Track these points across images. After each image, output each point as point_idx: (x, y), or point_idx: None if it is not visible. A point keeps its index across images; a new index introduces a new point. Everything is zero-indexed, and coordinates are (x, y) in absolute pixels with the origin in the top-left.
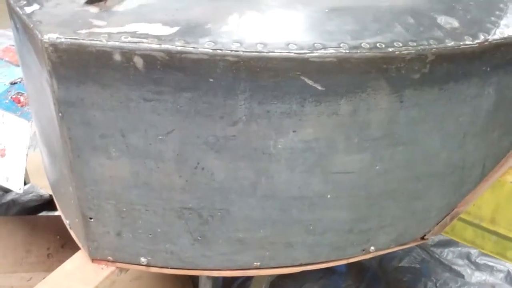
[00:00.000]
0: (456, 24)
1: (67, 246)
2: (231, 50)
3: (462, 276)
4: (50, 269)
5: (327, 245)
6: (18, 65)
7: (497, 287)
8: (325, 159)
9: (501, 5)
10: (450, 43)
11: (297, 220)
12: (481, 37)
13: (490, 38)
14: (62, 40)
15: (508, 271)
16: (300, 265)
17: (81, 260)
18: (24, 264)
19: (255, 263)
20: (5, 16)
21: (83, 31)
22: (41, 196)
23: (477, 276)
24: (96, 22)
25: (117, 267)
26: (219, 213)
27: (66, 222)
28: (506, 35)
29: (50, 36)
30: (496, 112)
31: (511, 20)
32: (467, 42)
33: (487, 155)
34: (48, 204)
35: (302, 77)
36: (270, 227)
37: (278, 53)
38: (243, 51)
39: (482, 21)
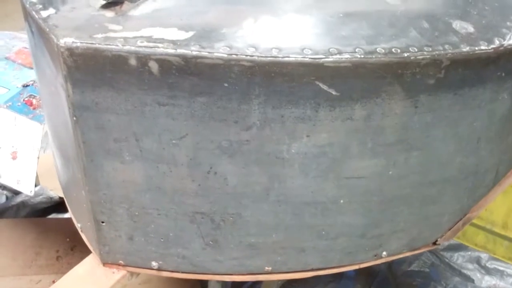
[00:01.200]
0: (471, 29)
1: (76, 249)
2: (246, 55)
3: (472, 281)
4: (59, 271)
5: (339, 250)
6: (30, 68)
7: None
8: (338, 164)
9: None
10: (465, 48)
11: (310, 225)
12: (496, 42)
13: (506, 43)
14: (78, 44)
15: None
16: (312, 270)
17: (92, 264)
18: (33, 266)
19: (266, 268)
20: (17, 18)
21: (99, 36)
22: (51, 198)
23: (487, 281)
24: (112, 26)
25: (128, 271)
26: (231, 218)
27: (78, 225)
28: None
29: (66, 41)
30: (510, 117)
31: None
32: (482, 47)
33: (501, 160)
34: (58, 206)
35: (317, 82)
36: (283, 232)
37: (293, 58)
38: (258, 56)
39: (497, 26)
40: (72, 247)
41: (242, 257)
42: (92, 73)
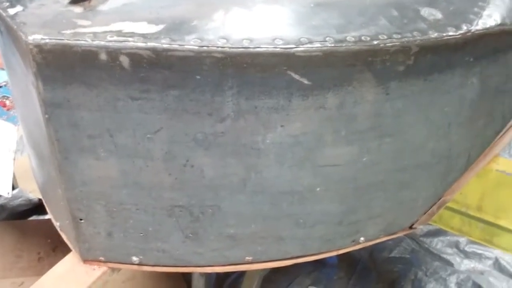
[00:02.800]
0: (439, 15)
1: (58, 250)
2: (218, 47)
3: (452, 265)
4: (41, 273)
5: (317, 238)
6: (2, 69)
7: (486, 274)
8: (313, 152)
9: None
10: (434, 35)
11: (287, 214)
12: (464, 28)
13: (473, 28)
14: (47, 41)
15: (496, 258)
16: (292, 258)
17: (73, 261)
18: (15, 269)
19: (247, 258)
20: None
21: (68, 31)
22: (30, 200)
23: (466, 264)
24: (81, 22)
25: (109, 267)
26: (209, 210)
27: (56, 224)
28: (488, 26)
29: (35, 37)
30: (480, 101)
31: (493, 11)
32: (450, 33)
33: (472, 144)
34: (38, 208)
35: (289, 72)
36: (261, 222)
37: (265, 49)
38: (230, 47)
39: (465, 12)
40: (54, 248)
41: (222, 248)
42: (62, 69)
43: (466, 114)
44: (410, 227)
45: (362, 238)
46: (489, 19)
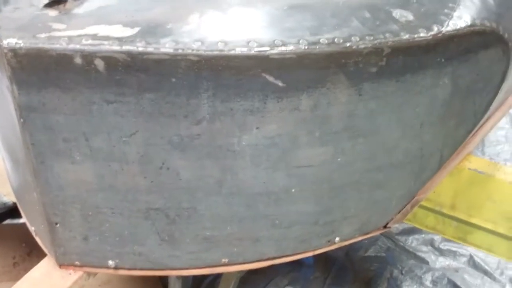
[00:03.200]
0: (410, 17)
1: (33, 254)
2: (193, 50)
3: (427, 262)
4: (17, 278)
5: (293, 238)
6: None
7: (460, 271)
8: (288, 154)
9: None
10: (405, 36)
11: (263, 215)
12: (435, 29)
13: (444, 30)
14: (22, 45)
15: (471, 255)
16: (268, 259)
17: (48, 266)
18: None
19: (223, 260)
20: None
21: (43, 35)
22: (4, 204)
23: (441, 262)
24: (56, 25)
25: (85, 272)
26: (186, 212)
27: (32, 229)
28: (459, 27)
29: (9, 41)
30: (452, 101)
31: (463, 12)
32: (421, 35)
33: (444, 144)
34: (12, 212)
35: (263, 74)
36: (237, 224)
37: (239, 51)
38: (204, 50)
39: (435, 13)
40: (29, 253)
41: (198, 250)
42: (37, 73)
43: (438, 114)
44: (385, 226)
45: (337, 238)
46: (459, 20)
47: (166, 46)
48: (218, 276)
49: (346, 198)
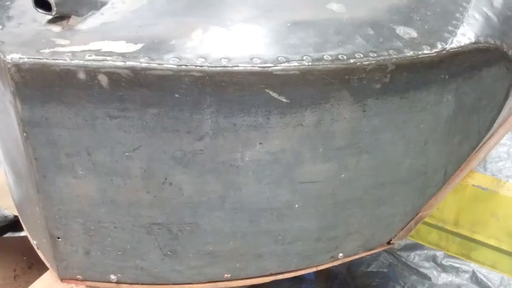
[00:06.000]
0: (414, 34)
1: (34, 267)
2: (196, 66)
3: (429, 278)
4: None
5: (296, 254)
6: None
7: (463, 287)
8: (291, 169)
9: (457, 15)
10: (409, 53)
11: (266, 231)
12: (439, 46)
13: (448, 47)
14: (25, 60)
15: (473, 272)
16: (271, 274)
17: (50, 280)
18: None
19: (225, 275)
20: None
21: (47, 51)
22: (5, 217)
23: (444, 278)
24: (59, 41)
25: (86, 286)
26: (188, 227)
27: (34, 242)
28: (462, 44)
29: (13, 57)
30: (455, 118)
31: (467, 29)
32: (425, 52)
33: (448, 160)
34: (13, 225)
35: (267, 90)
36: (240, 239)
37: (243, 67)
38: (208, 66)
39: (439, 30)
40: (30, 266)
41: (201, 265)
42: (41, 88)
43: (442, 130)
44: (388, 243)
45: (340, 254)
46: (463, 37)
47: (169, 62)
48: None
49: (350, 214)
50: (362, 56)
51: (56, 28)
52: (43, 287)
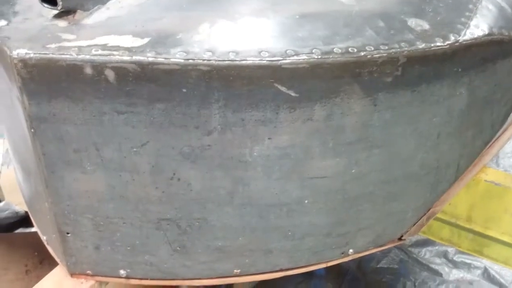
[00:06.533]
0: (426, 26)
1: (45, 262)
2: (203, 60)
3: (440, 275)
4: (28, 286)
5: (306, 250)
6: None
7: (475, 283)
8: (301, 165)
9: (471, 6)
10: (421, 45)
11: (276, 226)
12: (452, 38)
13: (461, 39)
14: (32, 55)
15: (485, 268)
16: (280, 270)
17: (60, 275)
18: (2, 282)
19: (235, 271)
20: None
21: (53, 46)
22: (16, 213)
23: (455, 274)
24: (66, 36)
25: (96, 281)
26: (197, 223)
27: (43, 238)
28: (476, 36)
29: (19, 52)
30: (469, 112)
31: (481, 21)
32: (438, 44)
33: (461, 155)
34: (25, 220)
35: (276, 84)
36: (249, 235)
37: (251, 61)
38: (216, 60)
39: (452, 22)
40: (41, 261)
41: (210, 261)
42: (48, 83)
43: (455, 124)
44: (400, 239)
45: (351, 250)
46: (476, 29)
47: (176, 56)
48: (229, 286)
49: (360, 209)
50: (372, 48)
51: (62, 23)
52: (53, 282)
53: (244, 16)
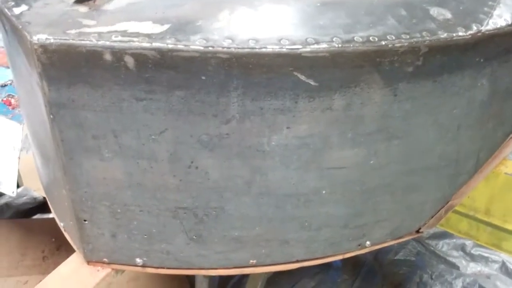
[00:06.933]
0: (449, 15)
1: (62, 249)
2: (223, 47)
3: (457, 268)
4: (46, 272)
5: (323, 241)
6: (7, 67)
7: (492, 277)
8: (319, 154)
9: None
10: (443, 35)
11: (293, 216)
12: (474, 28)
13: (483, 29)
14: (52, 40)
15: (503, 262)
16: (297, 261)
17: (77, 262)
18: (19, 267)
19: (251, 261)
20: None
21: (73, 31)
22: (34, 198)
23: (472, 267)
24: (86, 21)
25: (112, 269)
26: (214, 212)
27: (61, 224)
28: (499, 26)
29: (40, 37)
30: (490, 103)
31: (504, 10)
32: (460, 34)
33: (481, 147)
34: (42, 206)
35: (295, 73)
36: (266, 225)
37: (271, 49)
38: (235, 48)
39: (475, 11)
40: (58, 247)
41: (226, 250)
42: (67, 69)
43: (475, 116)
44: (417, 231)
45: (368, 242)
46: (499, 19)
47: (196, 43)
48: (244, 276)
49: (378, 201)
50: (394, 38)
51: (82, 9)
52: (70, 269)
53: (264, 4)
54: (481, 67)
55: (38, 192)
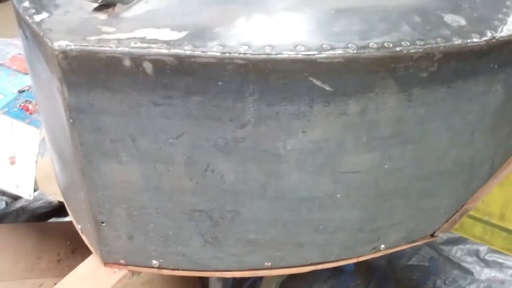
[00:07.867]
0: (463, 22)
1: (77, 252)
2: (239, 53)
3: (471, 273)
4: (61, 274)
5: (337, 245)
6: (25, 74)
7: (507, 283)
8: (334, 159)
9: (508, 2)
10: (458, 41)
11: (307, 220)
12: (488, 35)
13: (498, 35)
14: (72, 47)
15: None
16: (311, 264)
17: (94, 264)
18: (35, 270)
19: (266, 264)
20: (10, 25)
21: (93, 38)
22: (50, 202)
23: (486, 273)
24: (105, 28)
25: (129, 270)
26: (229, 215)
27: (78, 227)
28: None
29: (60, 44)
30: (504, 109)
31: None
32: (474, 40)
33: (496, 152)
34: (57, 210)
35: (311, 78)
36: (281, 228)
37: (286, 55)
38: (251, 54)
39: (489, 18)
40: (73, 250)
41: (241, 253)
42: (87, 75)
43: (490, 121)
44: (432, 235)
45: (382, 246)
46: None
47: (213, 50)
48: (258, 278)
49: (393, 205)
50: (408, 44)
51: (102, 16)
52: (87, 270)
53: (280, 11)
54: (495, 73)
55: (53, 196)
